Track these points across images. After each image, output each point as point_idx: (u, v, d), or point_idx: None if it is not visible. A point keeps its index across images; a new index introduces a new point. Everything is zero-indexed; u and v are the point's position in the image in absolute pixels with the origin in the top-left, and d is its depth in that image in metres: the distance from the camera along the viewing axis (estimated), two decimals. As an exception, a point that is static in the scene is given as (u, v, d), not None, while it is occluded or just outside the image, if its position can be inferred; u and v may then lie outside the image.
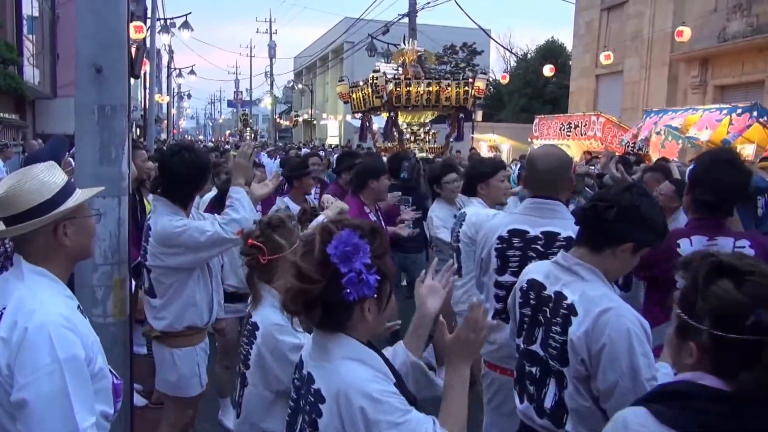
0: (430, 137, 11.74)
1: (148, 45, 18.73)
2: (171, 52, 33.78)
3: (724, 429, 1.09)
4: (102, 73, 2.51)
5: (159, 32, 18.97)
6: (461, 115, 11.62)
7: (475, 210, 3.41)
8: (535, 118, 18.37)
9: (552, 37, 29.49)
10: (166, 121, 34.80)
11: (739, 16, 13.69)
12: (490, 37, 22.80)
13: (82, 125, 2.57)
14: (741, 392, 1.09)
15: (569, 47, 23.48)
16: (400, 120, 11.26)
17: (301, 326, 1.89)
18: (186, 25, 18.39)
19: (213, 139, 38.64)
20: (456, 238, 3.49)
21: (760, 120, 9.81)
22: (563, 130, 16.17)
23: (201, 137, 53.34)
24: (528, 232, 2.41)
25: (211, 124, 73.38)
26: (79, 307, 1.63)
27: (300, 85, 44.34)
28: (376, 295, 1.34)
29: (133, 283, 3.38)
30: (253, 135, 42.61)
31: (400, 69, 12.18)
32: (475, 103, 11.61)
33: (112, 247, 2.60)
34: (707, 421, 1.09)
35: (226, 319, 3.53)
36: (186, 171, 2.68)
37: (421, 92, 10.79)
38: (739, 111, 10.45)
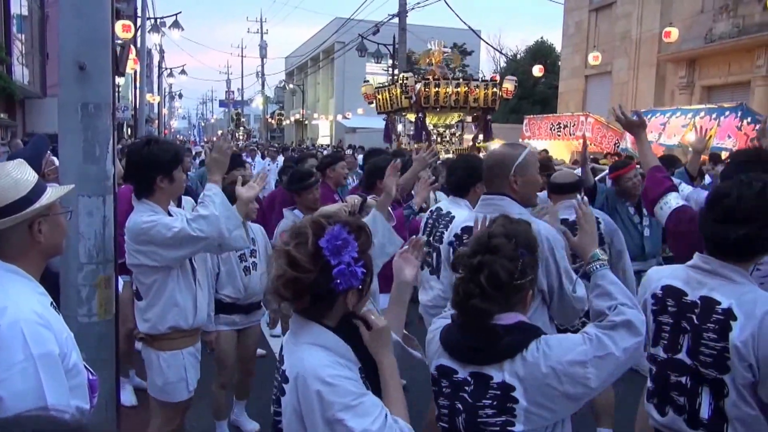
0: (456, 139, 11.63)
1: (138, 44, 18.71)
2: (162, 52, 33.68)
3: (449, 342, 1.62)
4: (85, 70, 2.48)
5: (149, 32, 18.91)
6: (489, 117, 11.51)
7: (466, 216, 3.36)
8: (524, 118, 18.47)
9: (541, 38, 29.71)
10: (157, 121, 34.66)
11: (726, 17, 13.85)
12: (480, 37, 22.89)
13: (66, 123, 2.54)
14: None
15: (559, 48, 23.62)
16: (427, 121, 11.11)
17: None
18: (176, 24, 18.36)
19: (205, 139, 38.07)
20: (439, 238, 3.40)
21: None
22: (553, 130, 16.27)
23: (192, 138, 52.90)
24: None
25: (203, 124, 73.04)
26: (52, 303, 1.62)
27: (291, 85, 44.32)
28: (360, 287, 1.43)
29: (120, 281, 3.28)
30: (246, 135, 42.46)
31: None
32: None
33: (97, 246, 2.58)
34: (446, 336, 1.64)
35: (218, 332, 3.38)
36: (144, 163, 2.60)
37: (450, 93, 10.67)
38: (727, 113, 10.61)
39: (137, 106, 19.59)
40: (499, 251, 1.53)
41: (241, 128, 43.86)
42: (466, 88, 10.79)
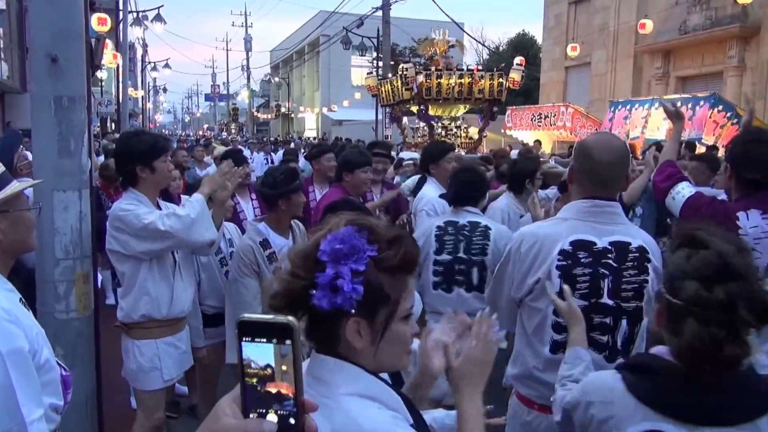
0: (462, 132, 11.45)
1: (120, 38, 18.64)
2: (145, 46, 33.43)
3: (676, 401, 1.22)
4: (58, 63, 2.42)
5: (131, 25, 18.85)
6: (495, 109, 11.28)
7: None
8: (507, 109, 18.73)
9: (523, 31, 29.98)
10: (141, 116, 34.48)
11: (699, 9, 14.15)
12: (462, 30, 23.00)
13: (39, 117, 2.50)
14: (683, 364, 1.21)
15: (540, 40, 23.87)
16: (431, 114, 10.86)
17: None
18: (159, 18, 18.31)
19: (193, 133, 37.76)
20: (480, 250, 3.18)
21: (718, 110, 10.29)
22: (534, 120, 16.56)
23: (179, 132, 52.71)
24: (595, 244, 1.94)
25: (188, 118, 72.66)
26: (21, 299, 1.59)
27: (277, 79, 44.21)
28: (354, 311, 1.04)
29: (99, 276, 3.27)
30: (238, 128, 42.53)
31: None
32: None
33: (73, 241, 2.55)
34: (662, 394, 1.23)
35: (206, 347, 3.18)
36: (124, 154, 2.68)
37: (453, 84, 10.35)
38: (701, 102, 10.92)
39: (120, 101, 19.50)
40: (747, 274, 1.19)
41: (235, 122, 44.38)
42: (470, 79, 10.57)
